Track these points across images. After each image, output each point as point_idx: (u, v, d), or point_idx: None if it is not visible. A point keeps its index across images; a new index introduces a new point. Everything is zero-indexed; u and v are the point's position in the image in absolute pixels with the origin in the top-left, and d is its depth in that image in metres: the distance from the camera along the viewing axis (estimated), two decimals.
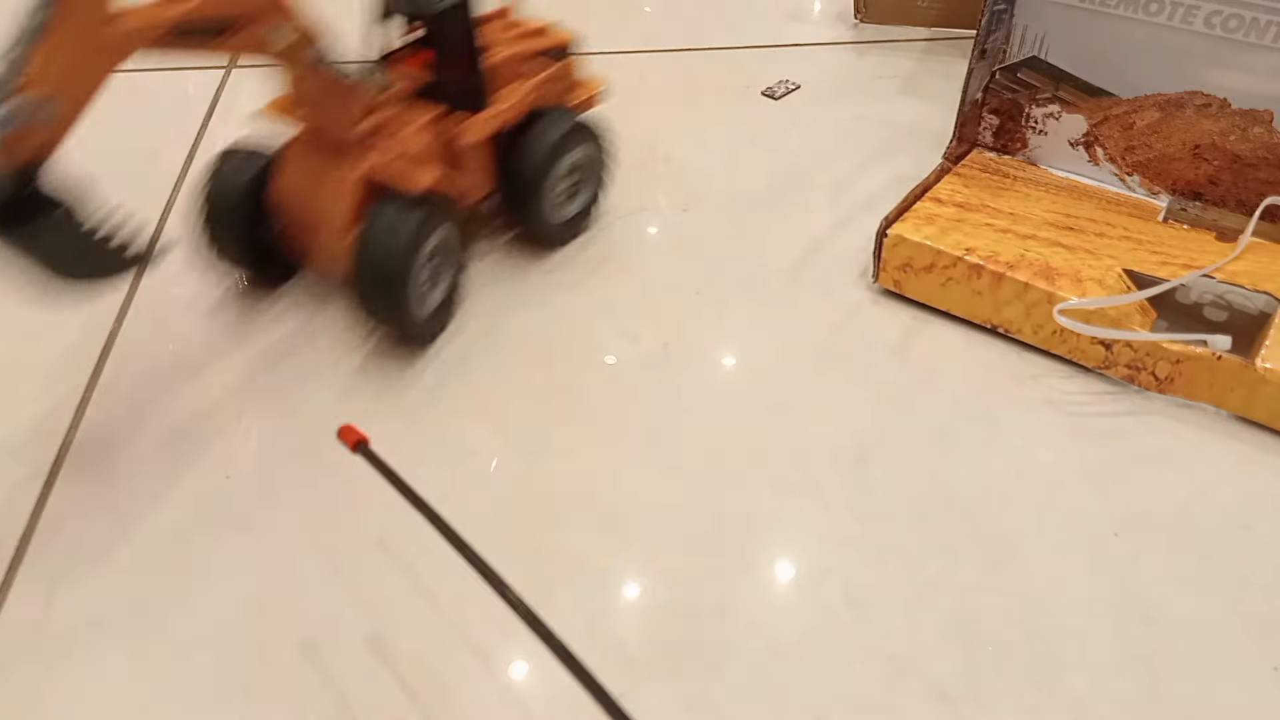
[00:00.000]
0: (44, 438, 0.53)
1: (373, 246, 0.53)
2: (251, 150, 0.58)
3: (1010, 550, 0.47)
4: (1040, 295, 0.54)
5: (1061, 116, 0.65)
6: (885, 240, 0.59)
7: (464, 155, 0.58)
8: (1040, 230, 0.59)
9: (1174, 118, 0.61)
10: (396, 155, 0.54)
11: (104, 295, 0.62)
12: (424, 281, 0.55)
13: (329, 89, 0.52)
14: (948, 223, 0.59)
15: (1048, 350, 0.56)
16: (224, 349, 0.59)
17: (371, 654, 0.43)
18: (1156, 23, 0.59)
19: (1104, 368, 0.55)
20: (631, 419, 0.54)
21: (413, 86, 0.57)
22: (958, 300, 0.58)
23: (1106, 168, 0.65)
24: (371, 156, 0.54)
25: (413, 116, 0.55)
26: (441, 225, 0.55)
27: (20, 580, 0.46)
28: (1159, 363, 0.53)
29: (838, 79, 0.59)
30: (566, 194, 0.64)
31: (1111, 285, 0.54)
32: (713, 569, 0.46)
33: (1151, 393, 0.54)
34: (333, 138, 0.54)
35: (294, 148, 0.57)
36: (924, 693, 0.41)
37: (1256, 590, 0.45)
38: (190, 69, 0.89)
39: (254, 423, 0.54)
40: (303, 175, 0.56)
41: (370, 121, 0.54)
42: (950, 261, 0.57)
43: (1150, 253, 0.57)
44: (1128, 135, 0.63)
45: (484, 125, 0.57)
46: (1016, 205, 0.62)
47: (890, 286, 0.60)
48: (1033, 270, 0.55)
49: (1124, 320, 0.53)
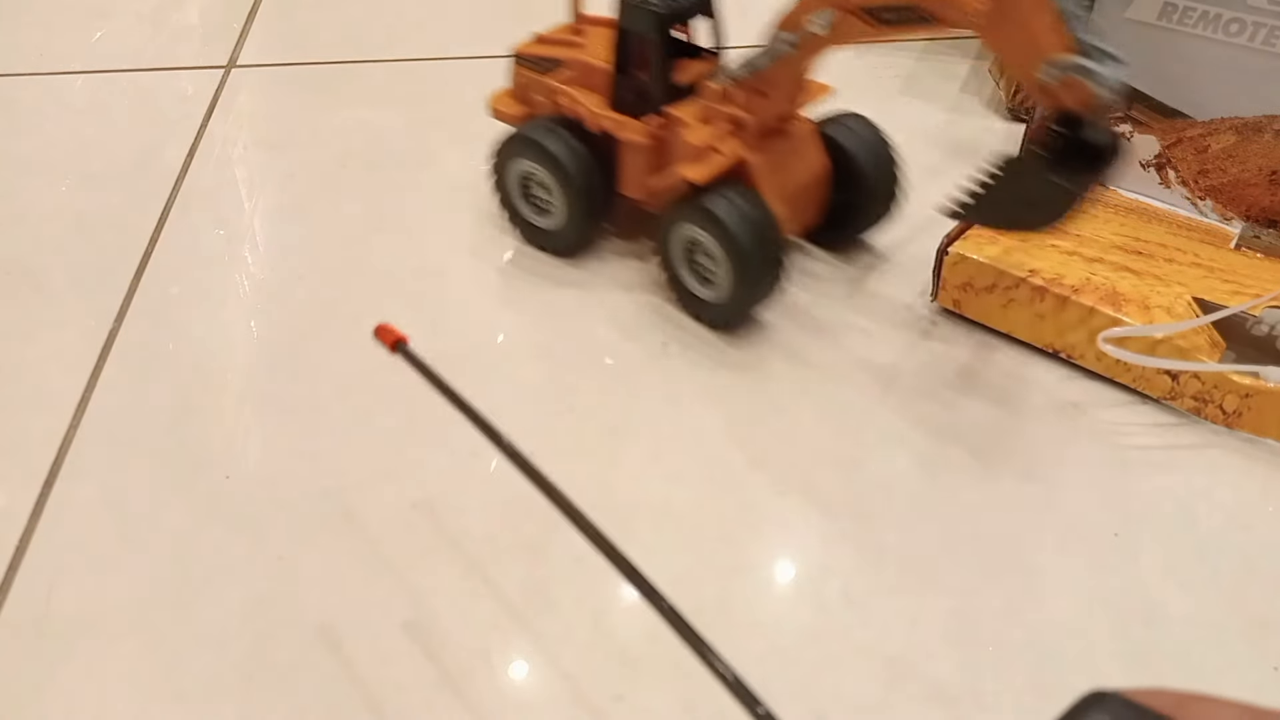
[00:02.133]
0: (44, 438, 0.58)
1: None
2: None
3: (1010, 550, 0.52)
4: (1106, 321, 0.59)
5: (1133, 137, 0.70)
6: (945, 259, 0.64)
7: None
8: (1108, 254, 0.64)
9: (1251, 142, 0.66)
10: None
11: (104, 295, 0.68)
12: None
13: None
14: (1012, 242, 0.65)
15: (1112, 379, 0.61)
16: (225, 347, 0.65)
17: (374, 653, 0.48)
18: (1236, 44, 0.64)
19: (1170, 399, 0.60)
20: (632, 419, 0.60)
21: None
22: (1020, 323, 0.63)
23: (1178, 191, 0.70)
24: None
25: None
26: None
27: (20, 580, 0.51)
28: (1227, 396, 0.57)
29: (837, 79, 0.65)
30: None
31: (1180, 313, 0.59)
32: (713, 569, 0.52)
33: (1219, 426, 0.58)
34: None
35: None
36: (923, 693, 0.46)
37: (1257, 590, 0.50)
38: (191, 69, 0.96)
39: (254, 422, 0.59)
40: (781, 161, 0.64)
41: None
42: (1013, 283, 0.62)
43: (1222, 281, 0.62)
44: (1201, 158, 0.68)
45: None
46: (1084, 227, 0.67)
47: (950, 306, 0.66)
48: (1098, 295, 0.60)
49: (1191, 350, 0.57)
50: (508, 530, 0.53)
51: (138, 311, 0.67)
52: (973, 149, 0.83)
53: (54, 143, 0.86)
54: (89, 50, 1.00)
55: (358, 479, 0.56)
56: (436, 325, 0.66)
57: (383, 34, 1.03)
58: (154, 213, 0.77)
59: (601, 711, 0.45)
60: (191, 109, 0.90)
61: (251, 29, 1.05)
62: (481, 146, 0.70)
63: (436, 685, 0.46)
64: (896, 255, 0.72)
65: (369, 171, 0.82)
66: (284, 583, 0.51)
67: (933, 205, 0.76)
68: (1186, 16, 0.65)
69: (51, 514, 0.54)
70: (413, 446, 0.58)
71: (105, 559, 0.52)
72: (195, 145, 0.85)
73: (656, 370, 0.63)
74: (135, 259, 0.72)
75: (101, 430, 0.59)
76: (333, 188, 0.80)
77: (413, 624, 0.49)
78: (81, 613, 0.49)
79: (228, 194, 0.79)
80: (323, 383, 0.62)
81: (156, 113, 0.90)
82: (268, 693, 0.46)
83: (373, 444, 0.58)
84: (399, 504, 0.54)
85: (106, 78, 0.96)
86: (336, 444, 0.58)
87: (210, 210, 0.78)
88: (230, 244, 0.74)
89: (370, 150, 0.84)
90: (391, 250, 0.73)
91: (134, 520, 0.54)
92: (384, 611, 0.49)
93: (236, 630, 0.49)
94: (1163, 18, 0.66)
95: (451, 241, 0.74)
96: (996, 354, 0.64)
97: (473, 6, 1.08)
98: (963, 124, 0.87)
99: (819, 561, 0.52)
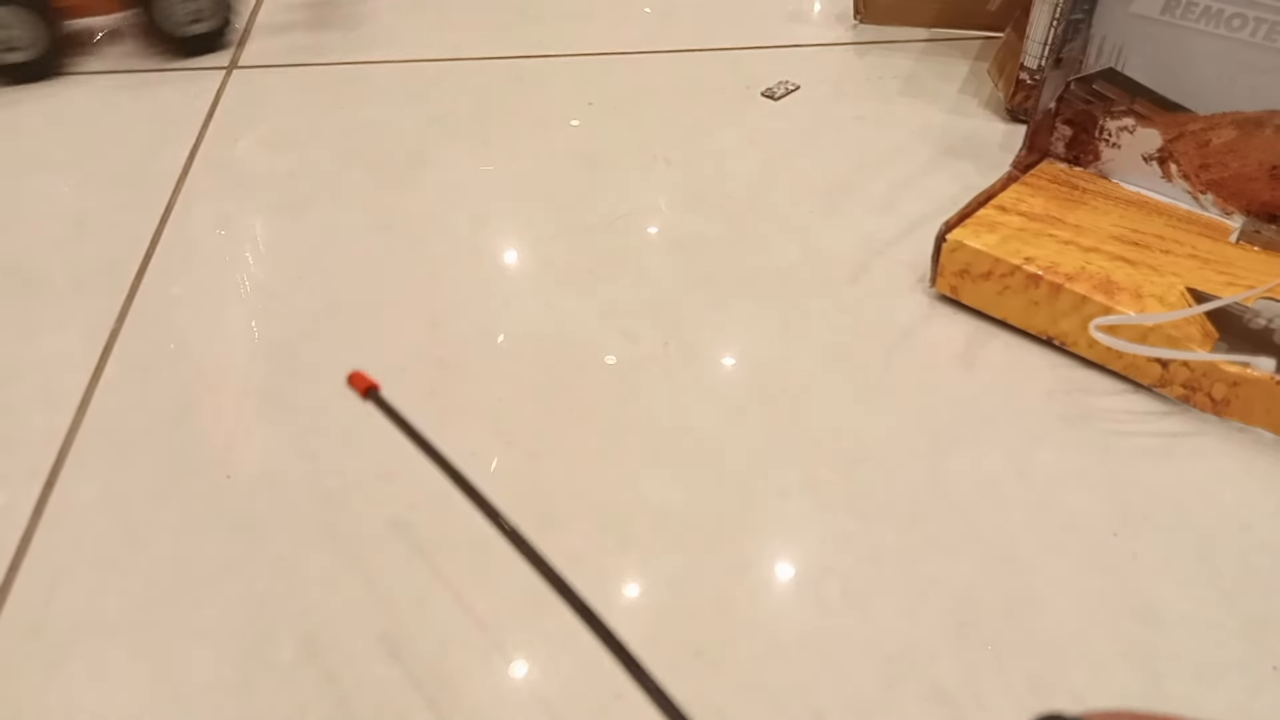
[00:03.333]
0: (44, 437, 0.58)
1: None
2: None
3: (1010, 550, 0.52)
4: (1098, 309, 0.60)
5: (1136, 130, 0.70)
6: (944, 245, 0.65)
7: None
8: (1104, 244, 0.65)
9: (1252, 137, 0.66)
10: None
11: (105, 296, 0.68)
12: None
13: None
14: (1010, 231, 0.65)
15: (1103, 366, 0.61)
16: (226, 347, 0.65)
17: (374, 653, 0.48)
18: (1239, 39, 0.64)
19: (1159, 386, 0.60)
20: (632, 419, 0.60)
21: None
22: (1014, 309, 0.64)
23: (1179, 185, 0.70)
24: None
25: None
26: None
27: (20, 580, 0.51)
28: (1215, 384, 0.58)
29: (837, 80, 0.65)
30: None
31: (1173, 303, 0.60)
32: (713, 569, 0.52)
33: (1208, 414, 0.59)
34: None
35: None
36: (923, 692, 0.46)
37: (1256, 590, 0.50)
38: (193, 70, 0.96)
39: (254, 422, 0.60)
40: None
41: None
42: (1008, 270, 0.63)
43: (1217, 273, 0.62)
44: (1203, 153, 0.68)
45: None
46: (1083, 218, 0.67)
47: (947, 292, 0.66)
48: (1092, 283, 0.61)
49: (1183, 340, 0.58)
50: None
51: (139, 312, 0.68)
52: (971, 149, 0.83)
53: (55, 143, 0.86)
54: (90, 50, 1.00)
55: (358, 479, 0.56)
56: (436, 325, 0.66)
57: (383, 35, 1.03)
58: (155, 213, 0.77)
59: (601, 711, 0.45)
60: (193, 109, 0.90)
61: (253, 30, 1.05)
62: (482, 147, 0.71)
63: (437, 684, 0.46)
64: (897, 243, 0.72)
65: (370, 172, 0.82)
66: (283, 583, 0.51)
67: (933, 202, 0.76)
68: (1189, 11, 0.65)
69: (52, 514, 0.54)
70: (412, 446, 0.57)
71: (105, 559, 0.52)
72: (197, 146, 0.85)
73: (656, 370, 0.63)
74: (137, 259, 0.72)
75: (102, 430, 0.59)
76: (333, 188, 0.80)
77: (412, 623, 0.49)
78: (81, 613, 0.49)
79: (229, 194, 0.80)
80: (323, 383, 0.62)
81: (158, 113, 0.90)
82: (268, 693, 0.46)
83: (373, 444, 0.58)
84: (399, 504, 0.54)
85: (108, 78, 0.96)
86: (336, 444, 0.58)
87: (211, 211, 0.78)
88: (231, 244, 0.74)
89: (371, 150, 0.84)
90: (392, 250, 0.73)
91: (134, 520, 0.54)
92: (383, 611, 0.49)
93: (236, 630, 0.48)
94: (1166, 13, 0.66)
95: (451, 241, 0.74)
96: (993, 340, 0.64)
97: (474, 7, 1.08)
98: (961, 124, 0.86)
99: (819, 561, 0.52)
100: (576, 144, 0.85)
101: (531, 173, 0.81)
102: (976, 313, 0.66)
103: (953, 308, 0.67)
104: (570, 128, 0.87)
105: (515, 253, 0.73)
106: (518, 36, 1.01)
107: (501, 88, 0.93)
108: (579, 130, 0.87)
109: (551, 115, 0.89)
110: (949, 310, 0.66)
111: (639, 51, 0.99)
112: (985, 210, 0.68)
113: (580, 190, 0.79)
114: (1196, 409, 0.59)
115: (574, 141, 0.85)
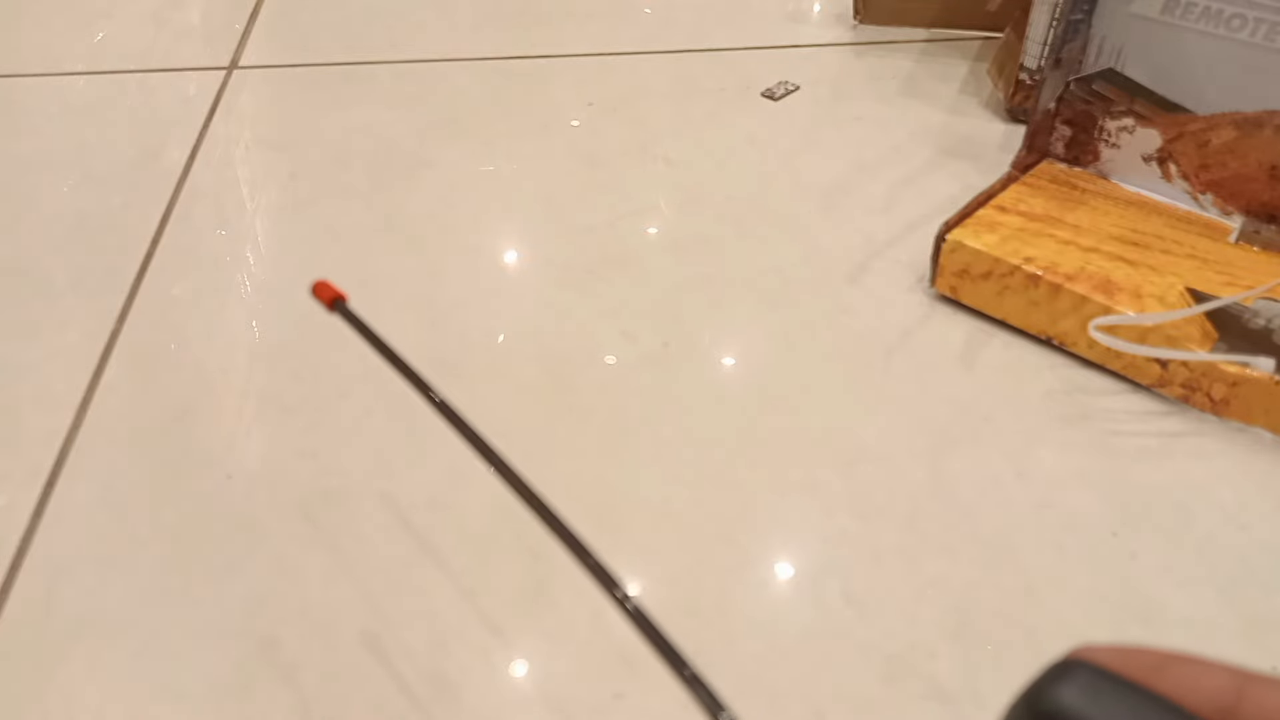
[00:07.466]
0: (45, 437, 0.58)
1: None
2: None
3: (1010, 550, 0.52)
4: (1098, 309, 0.59)
5: (1135, 131, 0.70)
6: (944, 245, 0.65)
7: None
8: (1104, 244, 0.65)
9: (1251, 137, 0.66)
10: None
11: (106, 295, 0.68)
12: None
13: None
14: (1010, 231, 0.65)
15: (1103, 366, 0.61)
16: (226, 347, 0.65)
17: (374, 652, 0.47)
18: (1238, 39, 0.64)
19: (1159, 386, 0.60)
20: (631, 419, 0.60)
21: None
22: (1014, 310, 0.64)
23: (1179, 185, 0.70)
24: None
25: None
26: None
27: (20, 580, 0.51)
28: (1214, 384, 0.58)
29: (837, 80, 0.65)
30: None
31: (1172, 303, 0.60)
32: (712, 569, 0.52)
33: (1207, 414, 0.59)
34: None
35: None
36: (923, 692, 0.46)
37: (1256, 590, 0.50)
38: (193, 70, 0.96)
39: (254, 422, 0.59)
40: None
41: None
42: (1008, 270, 0.63)
43: (1216, 273, 0.62)
44: (1202, 153, 0.68)
45: None
46: (1083, 218, 0.67)
47: (947, 292, 0.66)
48: (1092, 283, 0.61)
49: (1182, 340, 0.58)
50: (507, 529, 0.53)
51: (139, 312, 0.67)
52: (971, 149, 0.83)
53: (56, 143, 0.86)
54: (91, 51, 1.00)
55: (358, 478, 0.56)
56: (436, 325, 0.66)
57: (384, 35, 1.03)
58: (156, 213, 0.77)
59: (601, 710, 0.45)
60: (193, 110, 0.90)
61: (253, 30, 1.04)
62: (482, 147, 0.71)
63: (437, 683, 0.46)
64: (896, 243, 0.72)
65: (370, 172, 0.81)
66: (284, 582, 0.50)
67: (932, 202, 0.76)
68: (1189, 11, 0.64)
69: (52, 514, 0.54)
70: (413, 445, 0.58)
71: (105, 559, 0.52)
72: (197, 146, 0.85)
73: (657, 370, 0.63)
74: (137, 259, 0.72)
75: (103, 430, 0.59)
76: (334, 188, 0.80)
77: (412, 623, 0.49)
78: (81, 613, 0.49)
79: (229, 194, 0.79)
80: (323, 383, 0.62)
81: (158, 113, 0.90)
82: (268, 693, 0.46)
83: (373, 443, 0.58)
84: (399, 503, 0.54)
85: (109, 78, 0.96)
86: (336, 444, 0.58)
87: (212, 211, 0.77)
88: (232, 244, 0.74)
89: (371, 151, 0.84)
90: (392, 250, 0.73)
91: (134, 520, 0.54)
92: (383, 610, 0.49)
93: (236, 630, 0.48)
94: (1165, 12, 0.65)
95: (451, 241, 0.74)
96: (993, 340, 0.64)
97: (474, 7, 1.08)
98: (961, 125, 0.86)
99: (819, 561, 0.52)
100: (576, 144, 0.85)
101: (531, 173, 0.81)
102: (976, 313, 0.66)
103: (952, 308, 0.66)
104: (570, 128, 0.87)
105: (515, 253, 0.73)
106: (518, 37, 1.01)
107: (501, 88, 0.93)
108: (579, 130, 0.87)
109: (551, 115, 0.89)
110: (948, 310, 0.66)
111: (639, 52, 0.99)
112: (985, 210, 0.68)
113: (580, 190, 0.79)
114: (1196, 409, 0.59)
115: (574, 142, 0.85)
